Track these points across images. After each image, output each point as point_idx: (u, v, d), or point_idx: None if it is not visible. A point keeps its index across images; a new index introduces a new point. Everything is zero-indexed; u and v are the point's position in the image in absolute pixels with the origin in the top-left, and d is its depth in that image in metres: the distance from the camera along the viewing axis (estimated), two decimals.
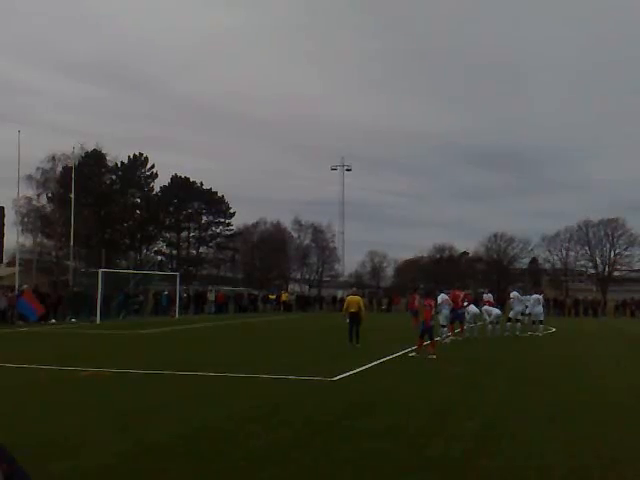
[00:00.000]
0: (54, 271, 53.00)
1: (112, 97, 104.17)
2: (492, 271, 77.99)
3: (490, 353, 18.13)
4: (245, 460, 6.52)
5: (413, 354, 16.86)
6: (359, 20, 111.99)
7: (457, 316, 23.07)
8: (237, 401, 9.93)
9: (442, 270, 76.67)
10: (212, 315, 42.40)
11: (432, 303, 17.62)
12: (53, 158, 57.32)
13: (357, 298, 19.72)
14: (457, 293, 24.22)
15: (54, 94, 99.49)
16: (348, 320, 19.26)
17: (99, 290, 32.83)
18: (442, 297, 22.18)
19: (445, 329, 21.50)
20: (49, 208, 58.33)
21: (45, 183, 57.86)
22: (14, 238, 46.68)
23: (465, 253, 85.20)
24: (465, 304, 23.46)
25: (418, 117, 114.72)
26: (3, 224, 64.25)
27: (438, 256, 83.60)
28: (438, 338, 21.06)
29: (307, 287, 78.78)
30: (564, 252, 77.74)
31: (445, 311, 21.50)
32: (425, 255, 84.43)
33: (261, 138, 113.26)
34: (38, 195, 57.95)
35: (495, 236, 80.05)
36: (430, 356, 16.21)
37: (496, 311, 24.45)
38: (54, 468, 6.00)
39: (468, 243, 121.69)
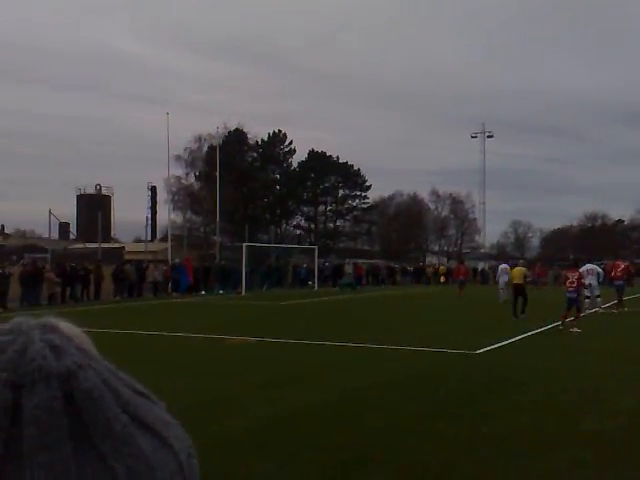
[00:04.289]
0: (202, 246, 56.15)
1: (250, 75, 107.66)
2: None
3: None
4: (387, 428, 6.54)
5: (559, 327, 15.93)
6: None
7: (616, 287, 21.95)
8: (379, 371, 9.98)
9: (594, 240, 72.15)
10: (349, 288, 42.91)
11: (575, 274, 16.69)
12: (199, 138, 60.53)
13: (522, 270, 19.75)
14: (618, 263, 23.01)
15: (196, 75, 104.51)
16: (512, 292, 19.40)
17: (243, 263, 34.33)
18: (586, 267, 21.26)
19: (588, 300, 20.62)
20: (197, 186, 61.72)
21: (193, 162, 61.26)
22: (166, 215, 49.95)
23: (620, 221, 79.56)
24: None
25: (564, 76, 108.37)
26: (156, 202, 68.99)
27: (590, 225, 78.81)
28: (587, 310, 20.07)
29: (446, 259, 77.55)
30: None
31: (591, 282, 20.58)
32: (575, 224, 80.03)
33: (397, 109, 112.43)
34: (187, 174, 61.60)
35: None
36: (574, 330, 15.37)
37: None
38: (207, 429, 6.35)
39: (623, 210, 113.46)
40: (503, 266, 28.77)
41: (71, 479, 0.46)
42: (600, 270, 21.50)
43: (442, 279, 46.87)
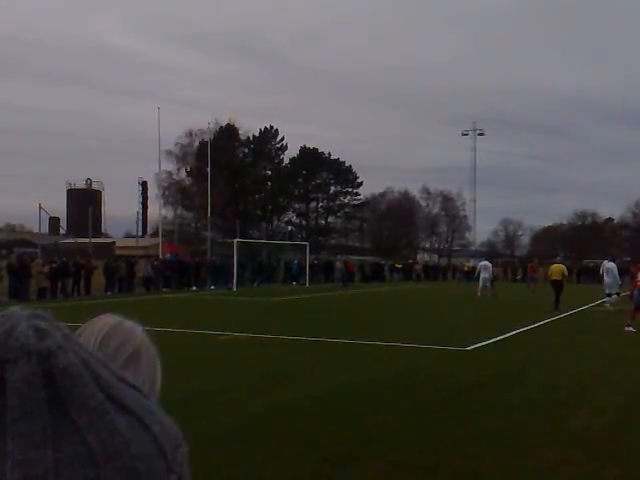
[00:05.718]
0: (193, 241, 56.03)
1: (242, 70, 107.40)
2: None
3: None
4: (377, 424, 6.55)
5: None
6: None
7: None
8: (369, 367, 9.99)
9: (584, 238, 72.61)
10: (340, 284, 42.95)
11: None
12: (190, 133, 60.42)
13: (560, 266, 21.11)
14: None
15: (188, 70, 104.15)
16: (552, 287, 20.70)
17: (235, 259, 34.28)
18: (605, 265, 21.62)
19: (607, 297, 21.22)
20: (188, 182, 61.59)
21: (184, 158, 61.13)
22: (157, 211, 49.78)
23: (610, 219, 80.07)
24: None
25: (555, 74, 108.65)
26: (147, 197, 68.70)
27: (580, 223, 79.27)
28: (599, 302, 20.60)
29: (436, 257, 77.76)
30: None
31: (607, 280, 21.02)
32: (565, 222, 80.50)
33: (388, 106, 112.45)
34: (178, 169, 61.49)
35: None
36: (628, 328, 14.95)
37: None
38: (196, 424, 6.34)
39: (613, 209, 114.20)
40: (482, 263, 28.95)
41: (48, 448, 0.51)
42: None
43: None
